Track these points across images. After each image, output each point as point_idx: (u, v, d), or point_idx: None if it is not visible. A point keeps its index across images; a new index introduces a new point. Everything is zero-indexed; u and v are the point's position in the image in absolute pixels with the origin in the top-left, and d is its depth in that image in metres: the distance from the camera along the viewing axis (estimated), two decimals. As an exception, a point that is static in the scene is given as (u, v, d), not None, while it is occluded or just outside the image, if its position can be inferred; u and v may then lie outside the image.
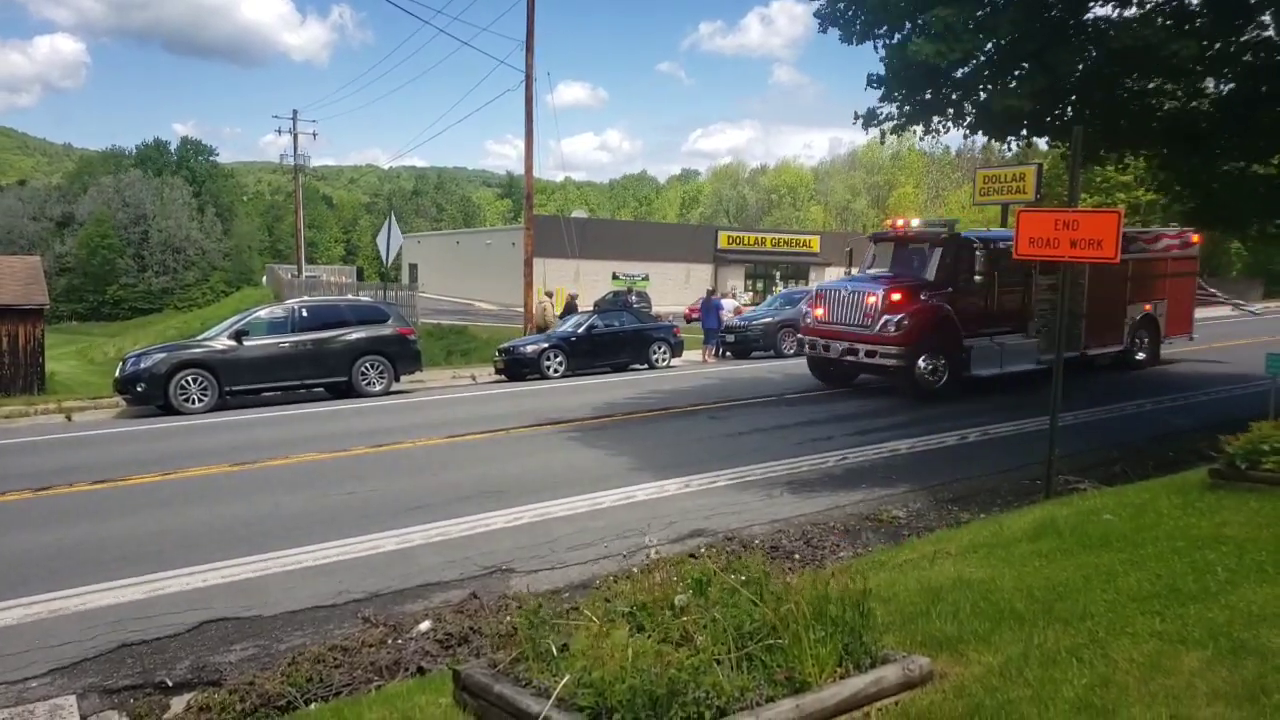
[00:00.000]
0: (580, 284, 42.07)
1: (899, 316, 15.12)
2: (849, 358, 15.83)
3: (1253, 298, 45.41)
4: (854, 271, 17.93)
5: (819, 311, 16.81)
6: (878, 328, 15.19)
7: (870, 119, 13.83)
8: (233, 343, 16.49)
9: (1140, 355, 18.99)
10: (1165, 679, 3.88)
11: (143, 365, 15.93)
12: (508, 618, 5.99)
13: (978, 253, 15.73)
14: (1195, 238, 20.00)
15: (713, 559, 4.63)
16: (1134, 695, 3.74)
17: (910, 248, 16.63)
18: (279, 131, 54.46)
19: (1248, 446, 7.23)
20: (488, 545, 8.10)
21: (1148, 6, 11.90)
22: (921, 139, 16.53)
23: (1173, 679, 3.87)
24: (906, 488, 10.06)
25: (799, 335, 18.04)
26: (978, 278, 15.58)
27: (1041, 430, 9.83)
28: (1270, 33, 11.49)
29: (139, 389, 15.78)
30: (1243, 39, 11.88)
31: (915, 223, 17.14)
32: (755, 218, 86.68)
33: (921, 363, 15.15)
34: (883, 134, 14.68)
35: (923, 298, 15.52)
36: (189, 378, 15.82)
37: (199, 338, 17.98)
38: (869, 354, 15.33)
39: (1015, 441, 12.30)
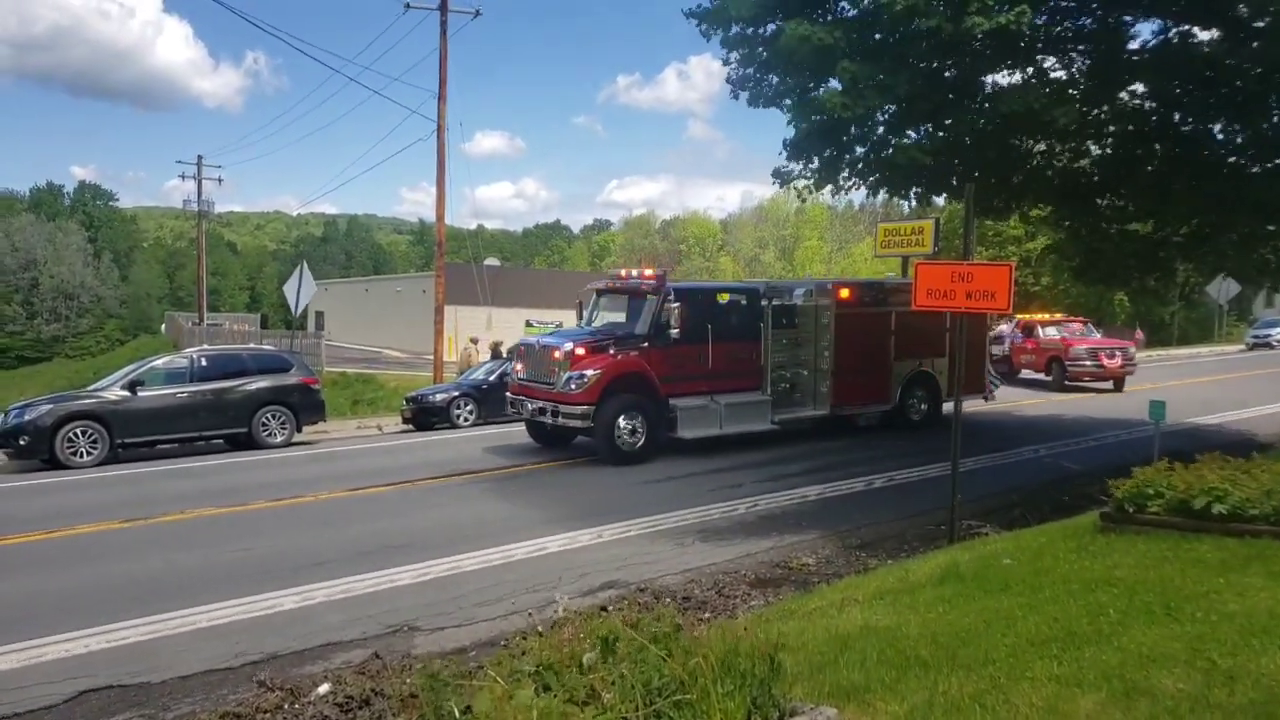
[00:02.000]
0: (493, 332, 41.86)
1: (581, 373, 14.00)
2: (542, 418, 14.59)
3: (1140, 346, 47.87)
4: (580, 324, 16.57)
5: (519, 368, 15.87)
6: (560, 385, 14.15)
7: (785, 178, 14.23)
8: (126, 393, 15.80)
9: (916, 416, 17.41)
10: (1063, 722, 3.97)
11: (27, 417, 15.12)
12: (411, 679, 5.80)
13: (686, 305, 14.56)
14: None
15: (624, 612, 4.58)
16: (1033, 740, 3.81)
17: (624, 299, 15.54)
18: (183, 176, 52.90)
19: (1134, 491, 7.55)
20: (392, 602, 7.86)
21: (1030, 73, 12.58)
22: (834, 195, 16.70)
23: (1070, 722, 3.97)
24: (816, 534, 10.17)
25: (508, 394, 16.32)
26: (680, 331, 14.28)
27: (945, 476, 10.10)
28: (1139, 101, 12.27)
29: (22, 442, 14.97)
30: (1117, 106, 12.66)
31: (633, 273, 15.97)
32: (668, 268, 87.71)
33: (621, 422, 14.02)
34: (798, 193, 15.10)
35: (612, 353, 14.37)
36: (78, 430, 15.07)
37: (90, 388, 17.19)
38: (554, 413, 14.20)
39: (920, 487, 12.59)
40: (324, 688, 6.07)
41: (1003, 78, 12.86)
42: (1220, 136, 12.99)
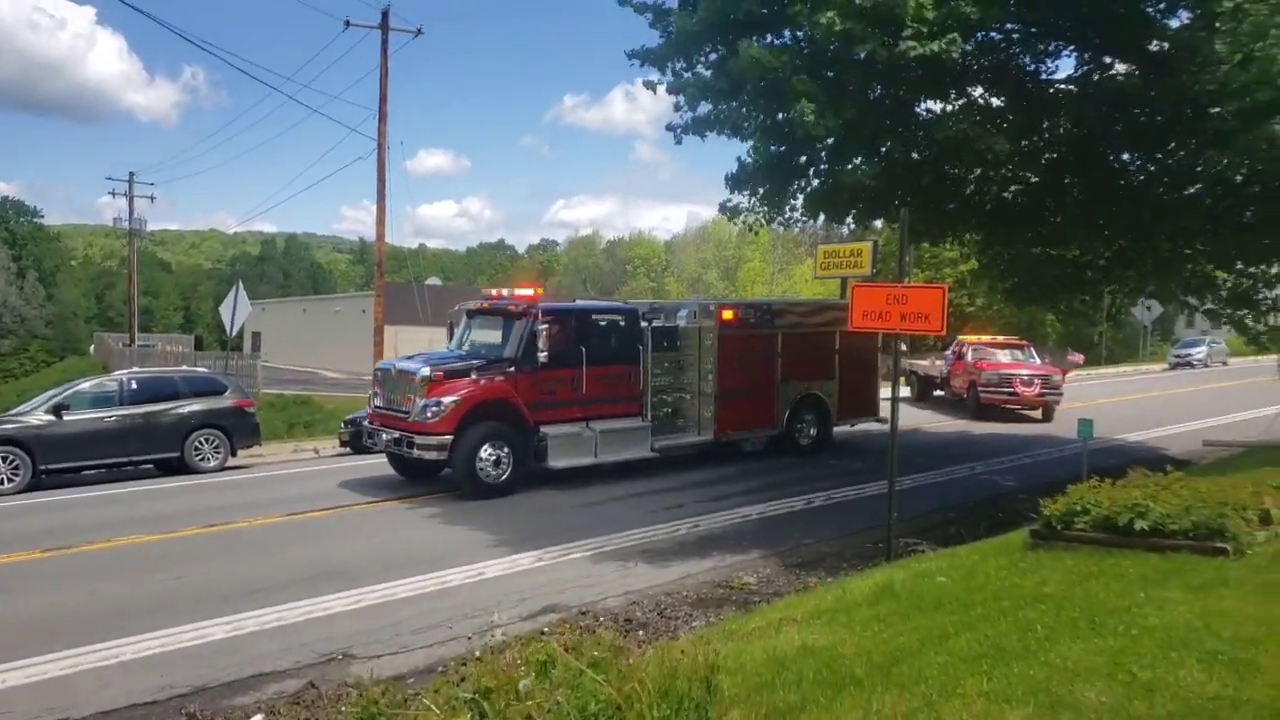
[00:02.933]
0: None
1: (438, 400, 12.95)
2: (399, 449, 13.48)
3: (1069, 365, 49.20)
4: (450, 347, 15.49)
5: (376, 394, 14.73)
6: (415, 413, 13.10)
7: (734, 212, 14.40)
8: (51, 417, 15.29)
9: (804, 440, 16.85)
10: (991, 738, 4.05)
11: (-57, 442, 14.54)
12: (346, 708, 5.70)
13: (557, 326, 13.78)
14: None
15: (564, 636, 4.57)
16: (963, 756, 3.89)
17: (498, 320, 14.54)
18: (114, 194, 51.59)
19: (1063, 508, 7.77)
20: (327, 630, 7.72)
21: (962, 102, 12.95)
22: (782, 228, 16.55)
23: (998, 737, 4.05)
24: (758, 554, 10.25)
25: (365, 423, 14.97)
26: (551, 354, 13.51)
27: (884, 494, 10.26)
28: (1062, 131, 12.70)
29: (-62, 469, 14.38)
30: (1043, 136, 13.09)
31: (505, 292, 15.10)
32: (612, 288, 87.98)
33: (484, 452, 13.03)
34: (749, 226, 15.26)
35: (474, 378, 13.38)
36: (-2, 456, 14.55)
37: (12, 412, 16.60)
38: (409, 444, 13.07)
39: (858, 506, 12.77)
40: (257, 718, 5.94)
41: (937, 105, 13.22)
42: (1135, 166, 13.52)
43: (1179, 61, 10.39)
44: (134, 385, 16.50)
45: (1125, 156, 13.41)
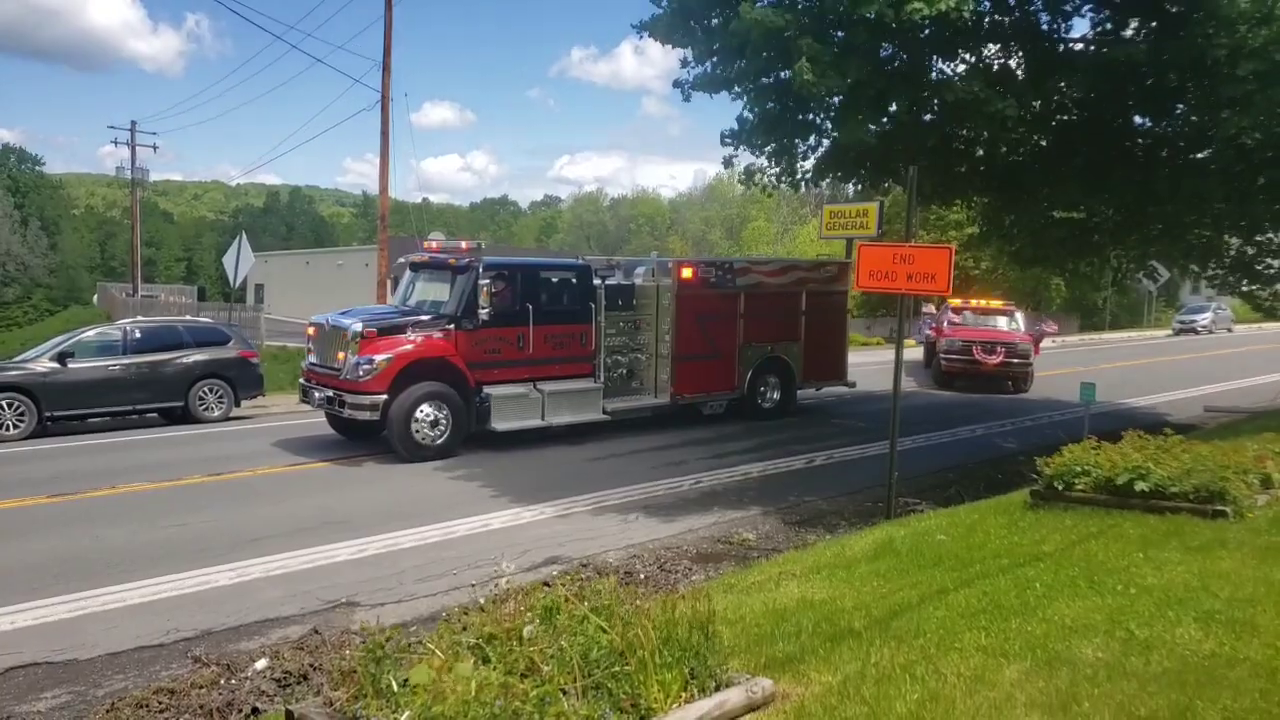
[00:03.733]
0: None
1: (370, 358, 12.44)
2: (331, 408, 13.14)
3: (1069, 330, 49.11)
4: (393, 302, 14.88)
5: (310, 350, 14.18)
6: (346, 371, 12.61)
7: (749, 174, 14.23)
8: (56, 365, 15.32)
9: (767, 404, 16.30)
10: (988, 691, 4.10)
11: (-52, 389, 14.60)
12: (350, 653, 5.77)
13: (501, 282, 13.29)
14: (841, 272, 17.53)
15: (565, 586, 4.61)
16: (960, 709, 3.94)
17: (439, 275, 14.02)
18: (115, 143, 50.96)
19: (1063, 469, 7.81)
20: (331, 578, 7.81)
21: (972, 62, 12.76)
22: (793, 188, 16.10)
23: (995, 691, 4.11)
24: (758, 510, 10.32)
25: (300, 380, 14.27)
26: (494, 311, 13.03)
27: (885, 454, 10.30)
28: (1074, 93, 12.53)
29: (-57, 415, 14.46)
30: (1056, 98, 12.92)
31: (445, 244, 14.67)
32: (616, 245, 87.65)
33: (420, 413, 12.52)
34: (761, 188, 15.04)
35: (410, 335, 12.85)
36: (3, 402, 14.58)
37: (17, 359, 16.62)
38: (341, 403, 12.73)
39: (859, 465, 12.83)
40: (261, 663, 6.02)
41: (946, 66, 13.04)
42: (1145, 129, 13.37)
43: (1197, 23, 10.22)
44: (138, 334, 16.51)
45: (1137, 119, 13.25)
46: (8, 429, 14.56)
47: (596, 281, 14.49)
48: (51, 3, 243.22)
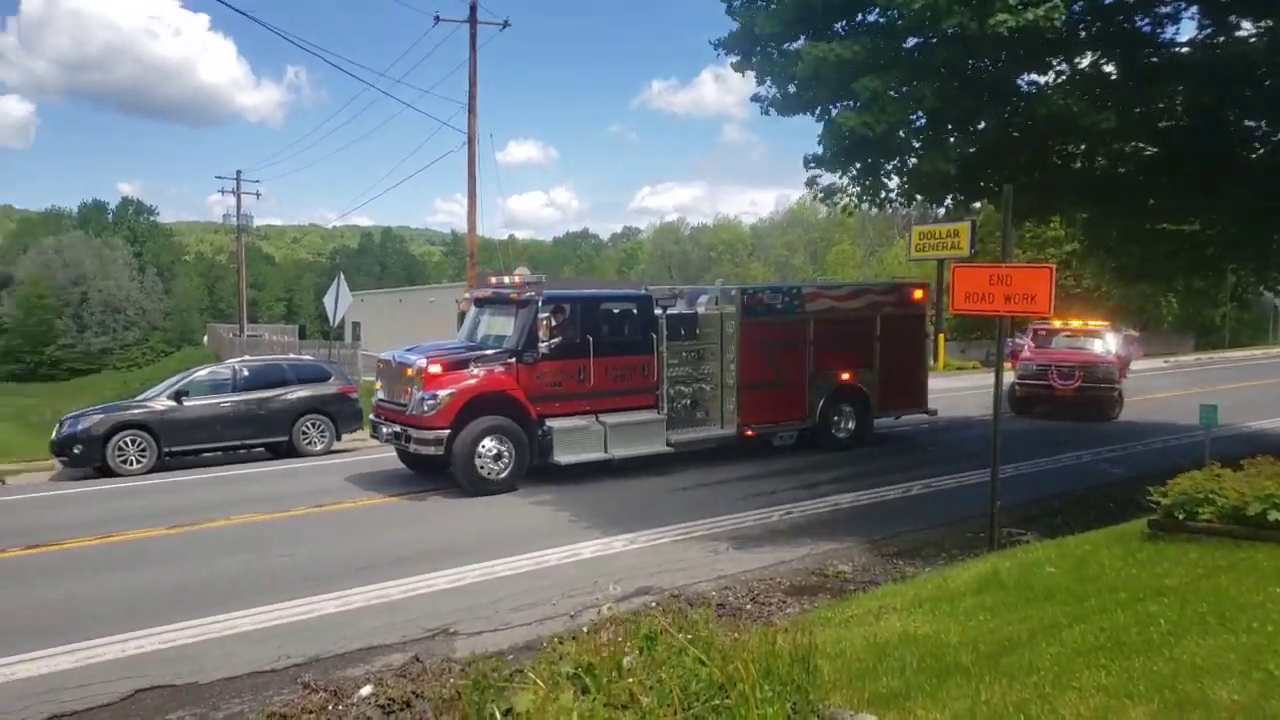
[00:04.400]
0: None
1: (434, 393, 12.51)
2: (399, 443, 13.25)
3: (1183, 349, 46.94)
4: (460, 338, 15.04)
5: (379, 386, 14.35)
6: (412, 407, 12.73)
7: (828, 193, 14.06)
8: (173, 403, 16.10)
9: (841, 434, 15.72)
10: (1110, 731, 3.90)
11: (80, 426, 15.47)
12: (451, 681, 5.85)
13: (561, 315, 13.26)
14: (918, 294, 17.00)
15: (660, 617, 4.58)
16: (1080, 748, 3.75)
17: (498, 309, 14.08)
18: (223, 191, 53.91)
19: (1183, 497, 7.41)
20: (430, 606, 7.93)
21: (1065, 76, 12.38)
22: (878, 208, 15.73)
23: (1117, 731, 3.90)
24: (852, 542, 10.09)
25: (371, 416, 14.46)
26: (555, 344, 12.97)
27: (984, 482, 9.98)
28: (1180, 99, 12.02)
29: (76, 451, 15.33)
30: (1160, 105, 12.41)
31: (506, 279, 14.44)
32: (697, 274, 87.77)
33: (483, 447, 12.51)
34: (843, 209, 14.84)
35: (473, 369, 12.88)
36: (127, 439, 15.39)
37: (138, 398, 17.54)
38: (407, 438, 12.83)
39: (958, 494, 12.44)
40: (366, 690, 6.14)
41: (1037, 78, 12.69)
42: (1260, 135, 12.72)
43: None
44: (246, 373, 17.22)
45: (1250, 124, 12.63)
46: (131, 464, 15.33)
47: (658, 311, 14.24)
48: (168, 64, 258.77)
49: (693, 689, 3.65)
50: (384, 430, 13.49)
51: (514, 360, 13.02)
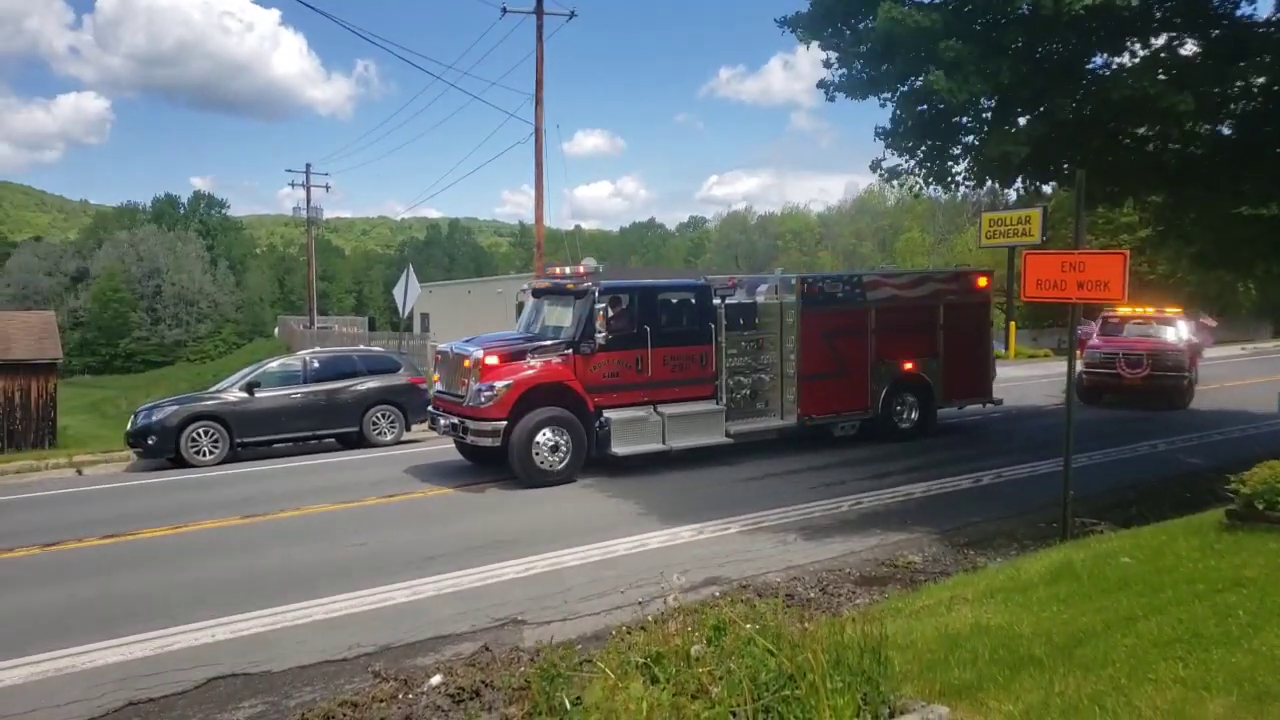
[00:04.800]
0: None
1: (491, 385, 12.54)
2: (455, 434, 13.33)
3: (1261, 336, 45.26)
4: (518, 328, 15.00)
5: (436, 378, 14.45)
6: (469, 398, 12.77)
7: (893, 173, 13.87)
8: (245, 394, 16.53)
9: (904, 424, 15.54)
10: (1190, 726, 3.82)
11: (154, 418, 15.96)
12: (520, 670, 5.94)
13: (618, 305, 13.24)
14: (982, 281, 16.79)
15: (728, 607, 4.60)
16: (1159, 744, 3.68)
17: (559, 300, 14.00)
18: (293, 184, 55.25)
19: (1263, 487, 7.19)
20: (499, 596, 8.05)
21: (1140, 57, 12.01)
22: (944, 191, 15.36)
23: (1198, 726, 3.81)
24: (922, 532, 9.98)
25: (429, 408, 14.57)
26: (612, 335, 12.94)
27: (1057, 472, 9.77)
28: (1262, 79, 11.56)
29: (150, 442, 15.80)
30: (1240, 85, 11.97)
31: (569, 270, 14.31)
32: (764, 263, 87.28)
33: (541, 439, 12.55)
34: (910, 190, 14.61)
35: (530, 360, 12.92)
36: (200, 430, 15.85)
37: (211, 390, 18.05)
38: (464, 430, 12.89)
39: (1030, 484, 12.22)
40: (436, 679, 6.26)
41: (1110, 60, 12.32)
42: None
43: None
44: (316, 364, 17.59)
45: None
46: (204, 454, 15.80)
47: (716, 301, 14.13)
48: (240, 58, 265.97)
49: (762, 679, 3.67)
50: (441, 422, 13.65)
51: (571, 351, 13.03)
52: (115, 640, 7.12)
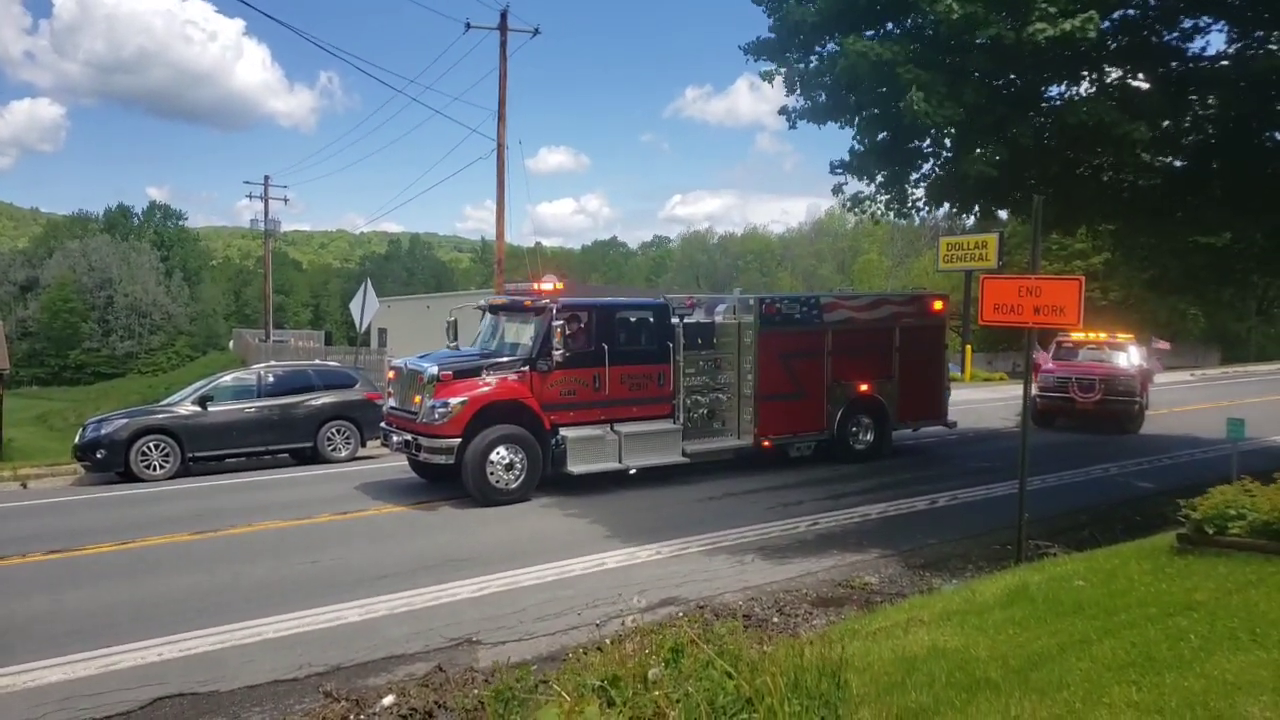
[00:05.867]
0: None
1: (445, 401, 12.44)
2: (408, 452, 13.20)
3: (1210, 363, 46.36)
4: (457, 345, 15.00)
5: (390, 394, 14.35)
6: (423, 415, 12.67)
7: (856, 201, 13.99)
8: (197, 408, 16.19)
9: (859, 445, 15.57)
10: (1144, 750, 3.83)
11: (103, 431, 15.57)
12: (474, 691, 5.83)
13: (576, 323, 13.19)
14: (938, 304, 16.95)
15: (686, 628, 4.55)
16: (1113, 768, 3.69)
17: (513, 317, 13.98)
18: (250, 197, 54.47)
19: (1213, 512, 7.31)
20: (453, 616, 7.93)
21: (1096, 84, 12.30)
22: (902, 218, 15.58)
23: (1151, 750, 3.83)
24: (878, 553, 10.02)
25: (381, 424, 14.54)
26: (569, 352, 12.81)
27: (1011, 495, 9.89)
28: (1211, 112, 11.89)
29: (99, 455, 15.40)
30: (1190, 117, 12.29)
31: (536, 286, 14.09)
32: (724, 283, 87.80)
33: (495, 456, 12.43)
34: (871, 217, 14.78)
35: (485, 377, 12.83)
36: (151, 444, 15.48)
37: (163, 403, 17.67)
38: (418, 447, 12.79)
39: (985, 506, 12.33)
40: (389, 699, 6.14)
41: (1068, 89, 12.60)
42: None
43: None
44: (271, 379, 17.30)
45: (1280, 137, 12.50)
46: (155, 469, 15.43)
47: (675, 320, 14.10)
48: (201, 67, 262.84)
49: (719, 702, 3.62)
50: (395, 439, 13.46)
51: (528, 368, 12.94)
52: (59, 659, 6.93)
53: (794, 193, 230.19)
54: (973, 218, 20.10)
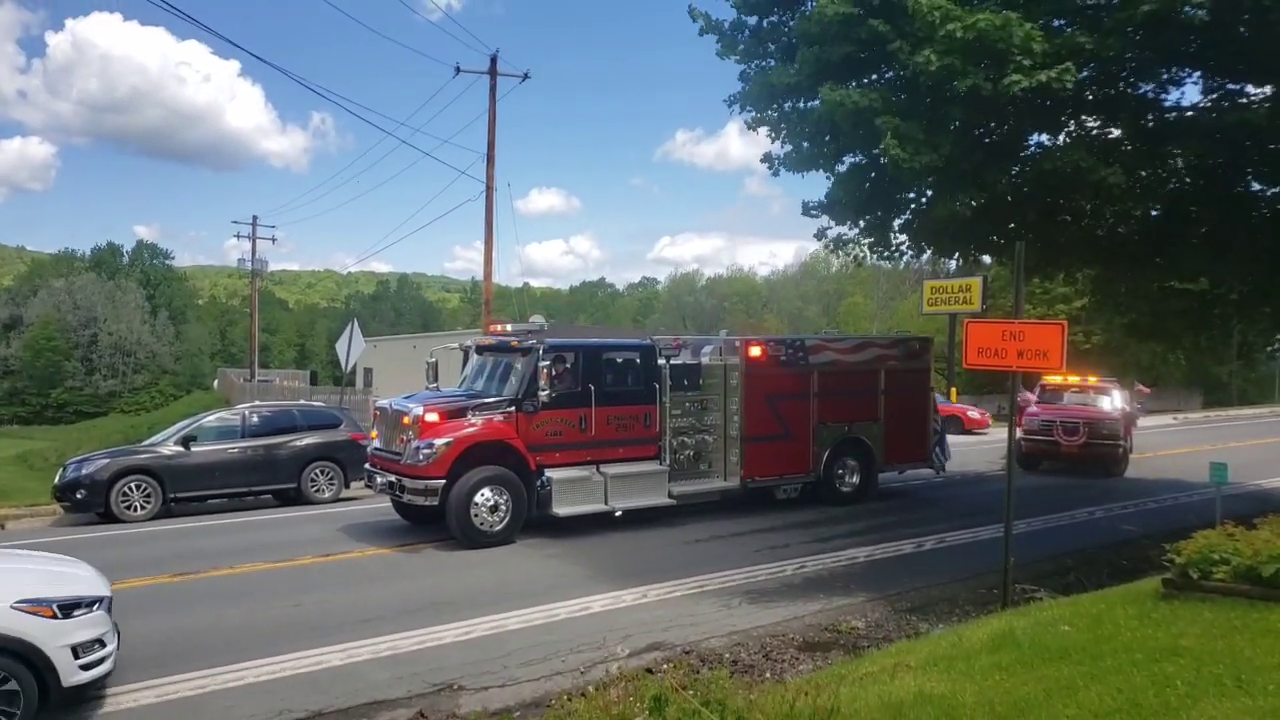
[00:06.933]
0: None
1: (430, 442, 12.34)
2: (393, 493, 13.08)
3: (1191, 407, 46.70)
4: (438, 387, 15.04)
5: (374, 434, 14.25)
6: (407, 456, 12.54)
7: (839, 243, 14.17)
8: (180, 448, 16.08)
9: (845, 488, 15.55)
10: (1131, 799, 3.82)
11: (84, 471, 15.42)
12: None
13: (562, 364, 13.17)
14: (923, 347, 17.10)
15: (672, 675, 4.52)
16: (1100, 817, 3.67)
17: (499, 357, 13.95)
18: (238, 236, 54.71)
19: (1197, 556, 7.34)
20: (437, 660, 7.84)
21: (1073, 133, 12.53)
22: (887, 260, 15.79)
23: (1138, 798, 3.82)
24: (865, 597, 9.99)
25: (366, 465, 14.35)
26: (555, 393, 12.76)
27: (997, 538, 9.91)
28: (1186, 161, 12.13)
29: (79, 495, 15.24)
30: (1167, 166, 12.53)
31: (508, 327, 14.11)
32: (711, 325, 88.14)
33: (479, 498, 12.26)
34: (855, 260, 14.98)
35: (470, 419, 12.76)
36: (132, 484, 15.32)
37: (145, 443, 17.53)
38: (402, 489, 12.64)
39: (971, 549, 12.33)
40: (370, 747, 6.04)
41: (1045, 138, 12.84)
42: (1269, 196, 12.79)
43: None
44: (255, 419, 17.20)
45: (1256, 186, 12.73)
46: (136, 509, 15.27)
47: (661, 361, 14.08)
48: (194, 109, 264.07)
49: (706, 750, 3.59)
50: (378, 480, 13.35)
51: (513, 409, 12.87)
52: (28, 707, 6.76)
53: (782, 236, 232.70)
54: (955, 262, 20.33)
